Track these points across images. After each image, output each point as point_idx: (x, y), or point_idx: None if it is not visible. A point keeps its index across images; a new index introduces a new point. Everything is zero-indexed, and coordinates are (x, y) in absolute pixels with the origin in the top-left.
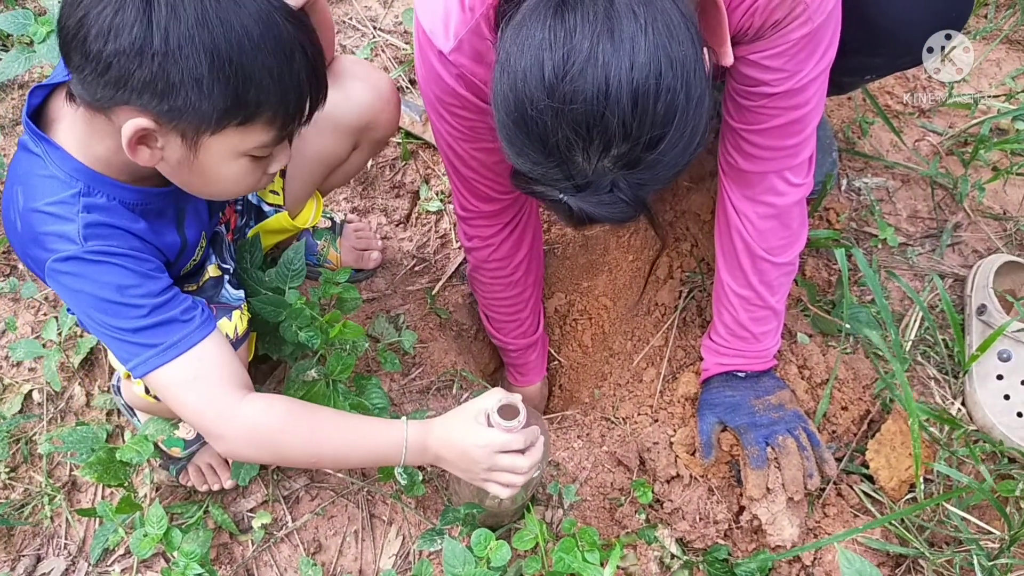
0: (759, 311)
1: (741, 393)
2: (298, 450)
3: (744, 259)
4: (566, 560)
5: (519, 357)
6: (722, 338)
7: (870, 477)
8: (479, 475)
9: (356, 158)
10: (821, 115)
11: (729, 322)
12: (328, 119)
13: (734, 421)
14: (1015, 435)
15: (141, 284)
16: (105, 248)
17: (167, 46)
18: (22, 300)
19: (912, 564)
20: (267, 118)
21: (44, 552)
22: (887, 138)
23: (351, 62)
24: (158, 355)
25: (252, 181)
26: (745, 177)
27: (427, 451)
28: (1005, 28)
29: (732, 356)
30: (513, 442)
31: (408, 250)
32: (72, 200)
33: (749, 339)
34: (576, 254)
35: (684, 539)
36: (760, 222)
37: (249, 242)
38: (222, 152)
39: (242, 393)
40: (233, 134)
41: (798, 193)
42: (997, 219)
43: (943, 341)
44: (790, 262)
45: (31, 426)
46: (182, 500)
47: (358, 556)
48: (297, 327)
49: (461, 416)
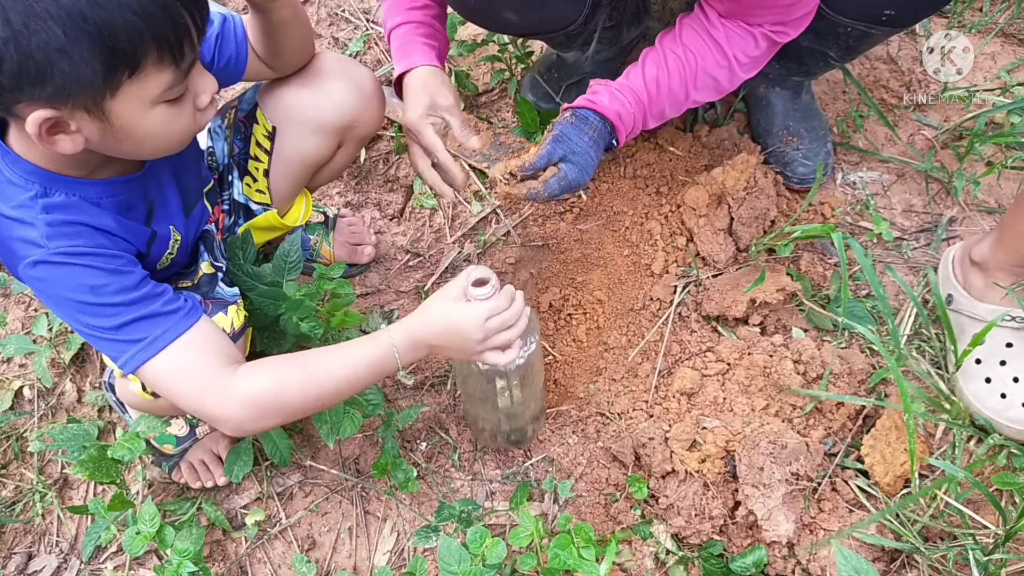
0: (678, 89)
1: (594, 160)
2: (299, 400)
3: (709, 45)
4: (562, 556)
5: (405, 35)
6: (626, 86)
7: (865, 472)
8: (475, 348)
9: (341, 156)
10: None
11: (649, 78)
12: (310, 120)
13: (571, 171)
14: (1001, 417)
15: (113, 281)
16: (71, 249)
17: (11, 28)
18: (12, 296)
19: (907, 559)
20: (154, 59)
21: (36, 550)
22: (882, 132)
23: (332, 60)
24: (144, 349)
25: (186, 122)
26: (729, 9)
27: (418, 345)
28: (1000, 22)
29: (620, 98)
30: (499, 305)
31: (402, 245)
32: (31, 203)
33: (643, 100)
34: (571, 248)
35: (679, 535)
36: (739, 32)
37: (240, 238)
38: (132, 110)
39: (233, 370)
40: (131, 88)
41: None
42: (992, 213)
43: (936, 335)
44: (724, 84)
45: (22, 423)
46: (175, 497)
47: (352, 553)
48: (298, 318)
49: (440, 301)
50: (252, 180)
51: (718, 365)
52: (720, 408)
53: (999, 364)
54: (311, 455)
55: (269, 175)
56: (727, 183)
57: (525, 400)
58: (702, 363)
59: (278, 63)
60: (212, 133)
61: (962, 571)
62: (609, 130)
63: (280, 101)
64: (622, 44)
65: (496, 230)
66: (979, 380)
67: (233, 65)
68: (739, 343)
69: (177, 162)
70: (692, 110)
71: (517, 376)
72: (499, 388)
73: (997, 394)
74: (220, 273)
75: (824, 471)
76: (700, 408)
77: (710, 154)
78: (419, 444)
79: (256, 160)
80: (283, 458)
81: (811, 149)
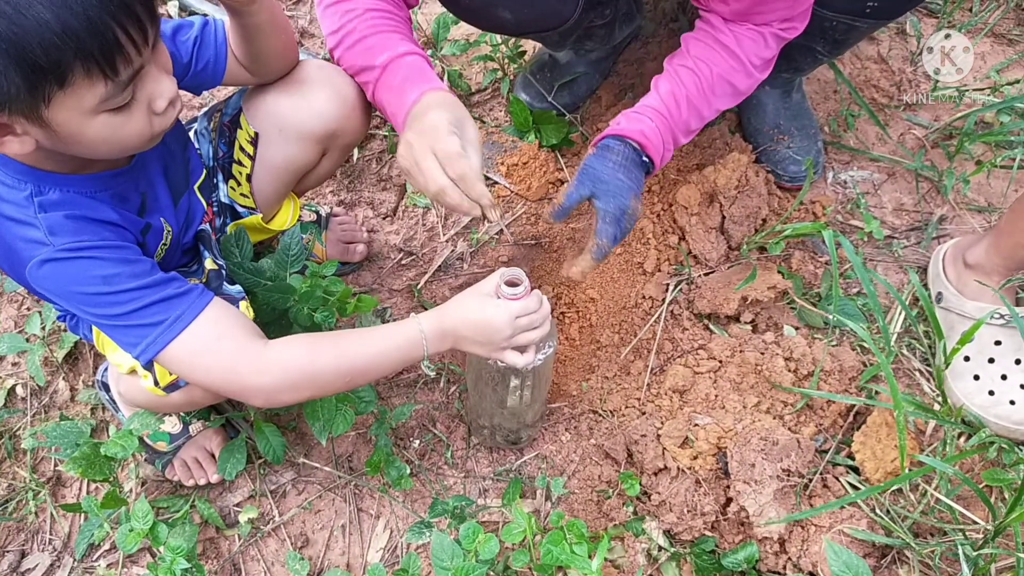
0: (697, 99)
1: (628, 185)
2: (331, 374)
3: (719, 52)
4: (554, 553)
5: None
6: (644, 105)
7: (856, 469)
8: (501, 345)
9: (327, 163)
10: None
11: (665, 93)
12: (293, 128)
13: (607, 206)
14: (989, 414)
15: (124, 269)
16: (78, 244)
17: None
18: (5, 294)
19: (898, 554)
20: (81, 73)
21: (29, 548)
22: (872, 131)
23: (315, 67)
24: (166, 330)
25: (139, 127)
26: (734, 9)
27: (445, 336)
28: (990, 21)
29: (643, 121)
30: (530, 305)
31: (395, 243)
32: (26, 203)
33: (664, 114)
34: (563, 247)
35: (671, 531)
36: (749, 35)
37: (235, 236)
38: (71, 119)
39: (263, 341)
40: (64, 99)
41: (770, 52)
42: (981, 211)
43: (925, 333)
44: (741, 87)
45: (15, 421)
46: (168, 495)
47: (345, 550)
48: (310, 309)
49: (473, 297)
50: (236, 184)
51: (710, 362)
52: (712, 405)
53: (987, 361)
54: (304, 452)
55: (252, 180)
56: (719, 182)
57: (533, 401)
58: (694, 360)
59: (259, 69)
60: (198, 135)
61: (952, 566)
62: (635, 150)
63: (263, 107)
64: (615, 43)
65: (489, 228)
66: (968, 377)
67: (212, 69)
68: (731, 341)
69: (164, 153)
70: None
71: (530, 378)
72: (512, 387)
73: (985, 391)
74: (223, 270)
75: (815, 467)
76: (692, 405)
77: (702, 153)
78: (412, 442)
79: (240, 164)
80: (276, 455)
81: (802, 148)
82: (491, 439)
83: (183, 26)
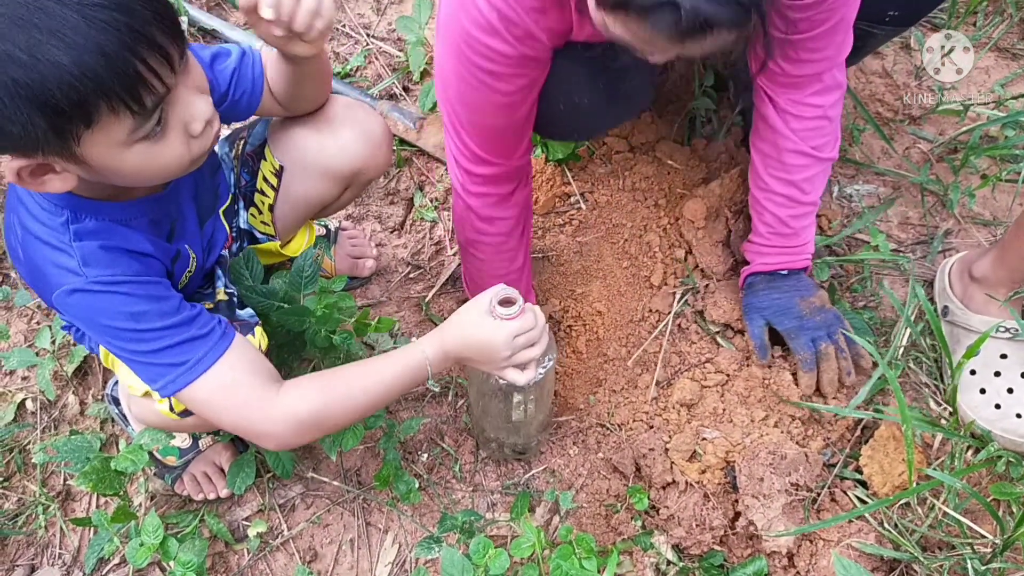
0: (801, 207)
1: (787, 295)
2: (341, 416)
3: (790, 158)
4: (563, 567)
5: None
6: (764, 238)
7: (864, 483)
8: (500, 363)
9: (347, 196)
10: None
11: (771, 221)
12: (318, 165)
13: (783, 324)
14: (996, 428)
15: (153, 308)
16: (110, 278)
17: None
18: (15, 308)
19: (905, 568)
20: (107, 110)
21: (39, 562)
22: (878, 145)
23: (343, 106)
24: (187, 372)
25: (177, 151)
26: (794, 82)
27: (447, 357)
28: (994, 36)
29: (775, 255)
30: (527, 323)
31: (403, 257)
32: (62, 229)
33: (790, 235)
34: (570, 260)
35: (680, 545)
36: (809, 122)
37: (244, 258)
38: (105, 153)
39: (276, 387)
40: (94, 136)
41: (841, 89)
42: (987, 225)
43: (932, 347)
44: (832, 157)
45: (25, 435)
46: (177, 509)
47: (354, 564)
48: (328, 331)
49: (470, 317)
50: (257, 212)
51: (717, 376)
52: (720, 419)
53: (993, 375)
54: (313, 467)
55: (274, 210)
56: (725, 196)
57: (537, 414)
58: (701, 374)
59: (292, 106)
60: (221, 161)
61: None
62: (771, 274)
63: (290, 142)
64: None
65: None
66: (974, 391)
67: (247, 101)
68: (738, 354)
69: (196, 177)
70: (690, 124)
71: (533, 391)
72: (515, 402)
73: (992, 405)
74: (233, 298)
75: (823, 481)
76: (700, 419)
77: (708, 167)
78: (420, 455)
79: (262, 194)
80: (285, 470)
81: None
82: (499, 452)
83: (221, 54)
